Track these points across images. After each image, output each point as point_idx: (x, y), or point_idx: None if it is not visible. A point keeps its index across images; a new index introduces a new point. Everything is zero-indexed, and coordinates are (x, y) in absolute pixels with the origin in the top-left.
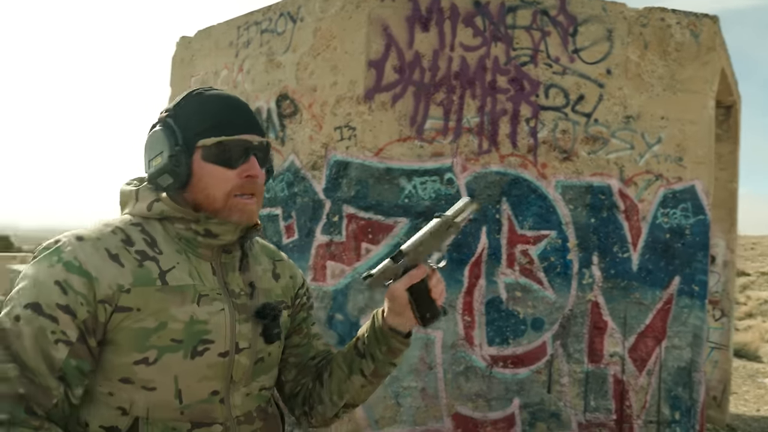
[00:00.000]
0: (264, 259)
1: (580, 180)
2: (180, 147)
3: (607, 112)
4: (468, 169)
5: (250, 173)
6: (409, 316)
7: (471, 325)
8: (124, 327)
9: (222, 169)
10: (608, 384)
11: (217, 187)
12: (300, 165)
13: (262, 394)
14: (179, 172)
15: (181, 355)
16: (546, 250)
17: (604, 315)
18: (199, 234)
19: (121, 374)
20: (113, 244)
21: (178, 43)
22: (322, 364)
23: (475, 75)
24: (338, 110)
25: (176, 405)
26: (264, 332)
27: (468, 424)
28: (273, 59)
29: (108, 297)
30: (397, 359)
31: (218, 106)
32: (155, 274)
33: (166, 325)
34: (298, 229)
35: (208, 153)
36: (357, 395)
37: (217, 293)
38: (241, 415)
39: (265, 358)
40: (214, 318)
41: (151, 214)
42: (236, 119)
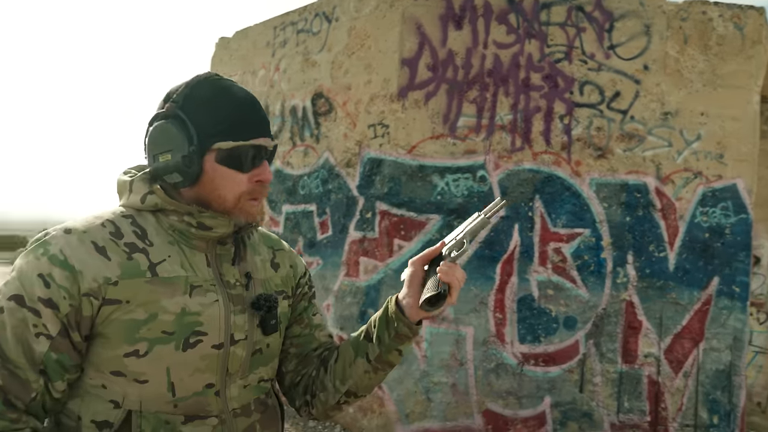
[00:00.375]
0: (263, 248)
1: (615, 178)
2: (195, 147)
3: (644, 109)
4: (501, 166)
5: (262, 178)
6: (415, 293)
7: (502, 322)
8: (114, 319)
9: (234, 173)
10: (642, 385)
11: (229, 190)
12: (334, 162)
13: (261, 386)
14: (191, 173)
15: (173, 347)
16: (579, 249)
17: (639, 315)
18: (192, 226)
19: (112, 367)
20: (101, 237)
21: (217, 44)
22: (325, 353)
23: (509, 72)
24: (372, 108)
25: (169, 398)
26: (261, 323)
27: (498, 421)
28: (308, 58)
29: (93, 290)
30: (403, 346)
31: (234, 105)
32: (144, 266)
33: (157, 316)
34: (332, 225)
35: (222, 156)
36: (360, 381)
37: (211, 284)
38: (237, 408)
39: (263, 350)
40: (208, 309)
41: (144, 206)
42: (252, 121)
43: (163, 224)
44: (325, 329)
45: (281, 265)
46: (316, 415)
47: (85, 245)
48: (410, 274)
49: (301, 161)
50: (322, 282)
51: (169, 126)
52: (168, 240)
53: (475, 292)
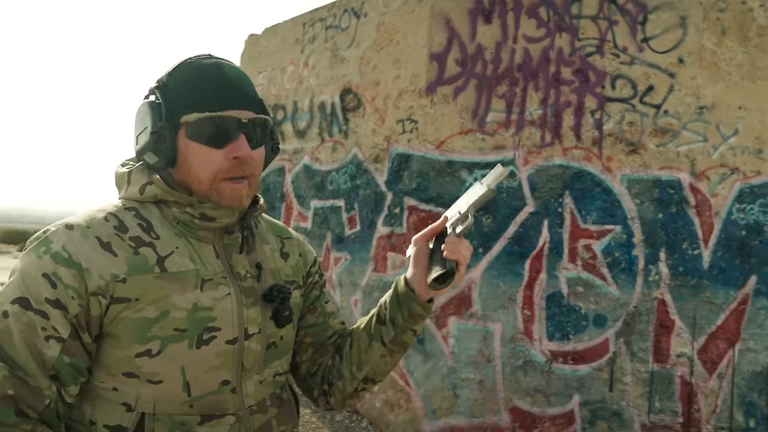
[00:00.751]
0: (271, 237)
1: (647, 174)
2: (163, 123)
3: (678, 103)
4: (530, 162)
5: (237, 154)
6: (423, 270)
7: (531, 319)
8: (123, 318)
9: (207, 149)
10: (675, 385)
11: (203, 169)
12: (362, 158)
13: (277, 380)
14: (163, 150)
15: (186, 344)
16: (610, 245)
17: (672, 313)
18: (195, 217)
19: (124, 368)
20: (105, 232)
21: (247, 41)
22: (339, 340)
23: (539, 67)
24: (400, 103)
25: (184, 398)
26: (274, 315)
27: (526, 419)
28: (337, 54)
29: (101, 289)
30: (417, 326)
31: (205, 78)
32: (152, 261)
33: (168, 314)
34: (360, 220)
35: (192, 130)
36: (376, 366)
37: (222, 277)
38: (254, 404)
39: (277, 343)
40: (220, 304)
41: (144, 197)
42: (224, 93)
43: (167, 216)
44: (338, 316)
45: (291, 254)
46: (333, 404)
47: (89, 241)
48: (415, 252)
49: (330, 157)
50: (350, 277)
51: (145, 105)
52: (174, 232)
53: (504, 289)
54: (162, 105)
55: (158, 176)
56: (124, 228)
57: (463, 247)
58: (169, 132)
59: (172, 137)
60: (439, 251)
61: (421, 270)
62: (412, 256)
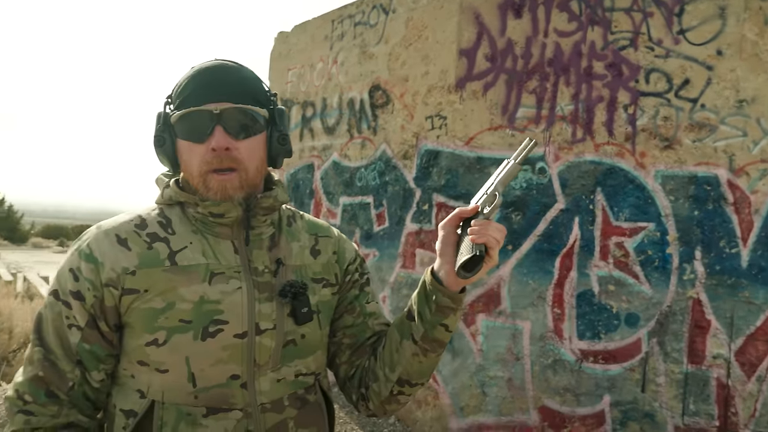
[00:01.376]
0: (304, 235)
1: (682, 170)
2: (162, 126)
3: (716, 97)
4: (561, 158)
5: (213, 146)
6: (450, 258)
7: (560, 317)
8: (135, 308)
9: (192, 145)
10: (710, 387)
11: (191, 164)
12: (391, 154)
13: (300, 381)
14: (165, 153)
15: (191, 336)
16: (643, 243)
17: (707, 313)
18: (207, 216)
19: (137, 356)
20: (124, 229)
21: (276, 38)
22: (376, 341)
23: (570, 61)
24: (429, 100)
25: (190, 389)
26: (292, 312)
27: (555, 418)
28: (366, 51)
29: (112, 280)
30: (448, 320)
31: (192, 79)
32: (164, 255)
33: (174, 305)
34: (388, 217)
35: (178, 129)
36: (409, 366)
37: (236, 271)
38: (267, 402)
39: (297, 341)
40: (229, 297)
41: (165, 200)
42: (203, 89)
43: (187, 215)
44: (381, 317)
45: (322, 252)
46: (373, 409)
47: (108, 238)
48: (442, 239)
49: (359, 153)
50: (379, 274)
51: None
52: (192, 230)
53: (533, 286)
54: (163, 111)
55: (174, 180)
56: (144, 225)
57: (493, 228)
58: (168, 135)
59: (171, 140)
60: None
61: (448, 258)
62: (440, 243)
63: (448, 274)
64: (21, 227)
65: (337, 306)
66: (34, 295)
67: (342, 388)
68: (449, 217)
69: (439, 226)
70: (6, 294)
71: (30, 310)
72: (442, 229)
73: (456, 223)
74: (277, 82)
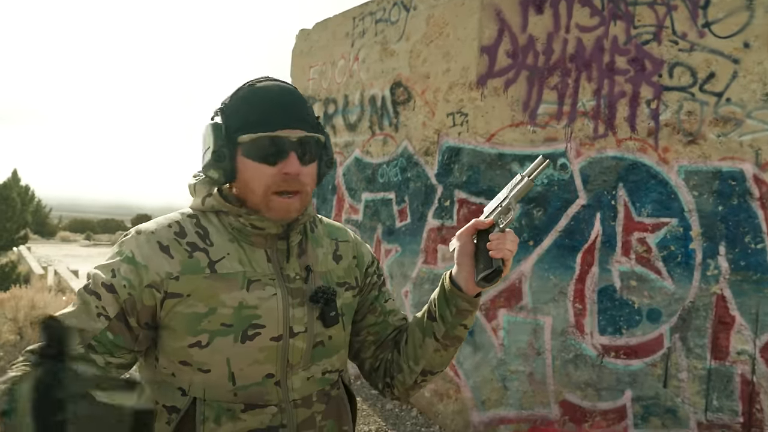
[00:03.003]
0: (326, 241)
1: (707, 165)
2: (222, 142)
3: (743, 90)
4: (582, 154)
5: (287, 170)
6: (468, 268)
7: (582, 312)
8: (177, 312)
9: (261, 166)
10: (734, 384)
11: (256, 184)
12: (413, 151)
13: (326, 378)
14: (223, 167)
15: (232, 339)
16: (666, 239)
17: (732, 309)
18: (246, 226)
19: (179, 357)
20: (165, 237)
21: (298, 36)
22: (398, 336)
23: (592, 56)
24: (450, 96)
25: (230, 387)
26: (321, 316)
27: (576, 413)
28: (387, 48)
29: (156, 283)
30: (467, 321)
31: (260, 100)
32: (204, 264)
33: (216, 310)
34: (410, 213)
35: (247, 149)
36: (432, 360)
37: (270, 279)
38: (298, 399)
39: (325, 342)
40: (266, 303)
41: (204, 208)
42: (276, 114)
43: (224, 223)
44: (399, 313)
45: (344, 257)
46: (398, 395)
47: (150, 244)
48: (459, 248)
49: (380, 150)
50: (401, 269)
51: (208, 126)
52: (228, 238)
53: (554, 282)
54: (222, 126)
55: (216, 190)
56: (183, 234)
57: (509, 242)
58: (228, 151)
59: (231, 155)
60: (485, 249)
61: (466, 267)
62: (457, 252)
63: (467, 282)
64: (50, 221)
65: (360, 307)
66: (65, 289)
67: (367, 378)
68: (465, 228)
69: (457, 235)
70: (40, 288)
71: (63, 303)
72: (458, 239)
73: (472, 233)
74: (299, 79)
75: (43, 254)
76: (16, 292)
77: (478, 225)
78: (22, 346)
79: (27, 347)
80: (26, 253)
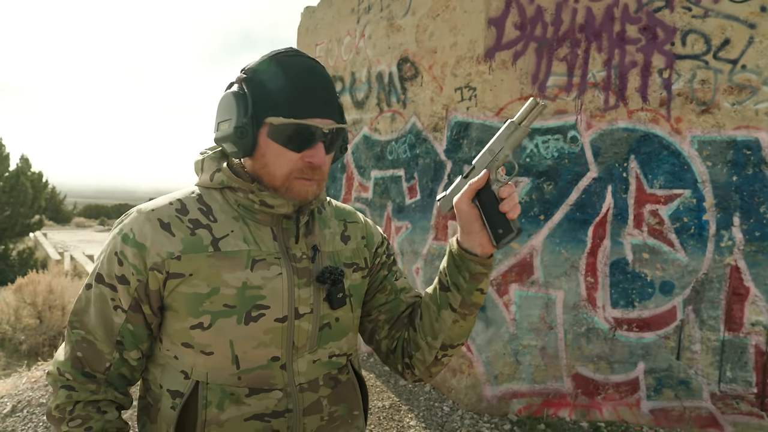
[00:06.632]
0: (333, 222)
1: (721, 134)
2: (247, 119)
3: (759, 57)
4: (593, 126)
5: (313, 160)
6: (480, 233)
7: (594, 286)
8: (180, 292)
9: (285, 150)
10: (748, 355)
11: (278, 167)
12: (421, 127)
13: (333, 361)
14: (244, 144)
15: (235, 320)
16: (678, 210)
17: (746, 281)
18: (254, 203)
19: (182, 339)
20: (166, 214)
21: (303, 14)
22: (411, 313)
23: (602, 26)
24: (458, 71)
25: (233, 370)
26: (328, 297)
27: (588, 386)
28: (393, 23)
29: (158, 264)
30: (482, 284)
31: (294, 80)
32: (207, 241)
33: (219, 290)
34: (420, 189)
35: (274, 131)
36: (451, 332)
37: (276, 257)
38: (305, 383)
39: (332, 324)
40: (270, 283)
41: (212, 184)
42: (310, 99)
43: (229, 200)
44: (411, 290)
45: (352, 237)
46: (419, 375)
47: (151, 222)
48: (465, 215)
49: (389, 127)
50: (411, 246)
51: (231, 96)
52: (233, 216)
53: (566, 256)
54: (248, 100)
55: (226, 164)
56: (185, 211)
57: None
58: (251, 128)
59: (254, 133)
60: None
61: (477, 232)
62: (462, 220)
63: (481, 245)
64: (64, 208)
65: (369, 287)
66: (81, 273)
67: (385, 361)
68: (464, 193)
69: (456, 204)
70: (57, 273)
71: (79, 287)
72: (460, 207)
73: (471, 196)
74: None
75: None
76: (34, 277)
77: (477, 185)
78: (42, 330)
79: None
80: (42, 240)
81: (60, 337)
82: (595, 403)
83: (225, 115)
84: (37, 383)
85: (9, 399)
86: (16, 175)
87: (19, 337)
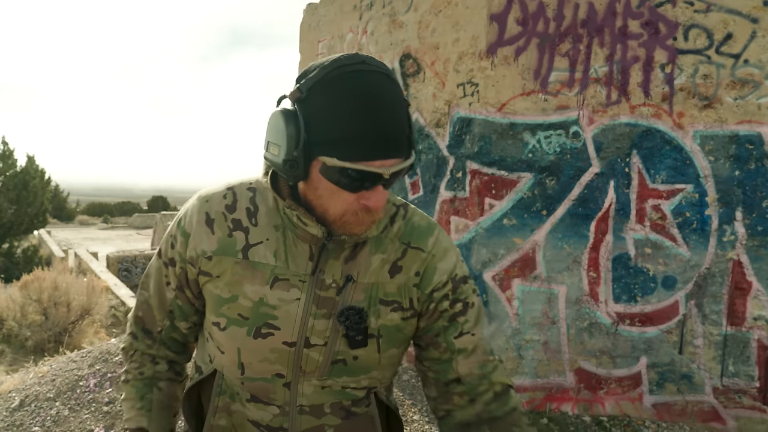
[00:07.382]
0: (392, 245)
1: (723, 129)
2: (299, 153)
3: (762, 51)
4: (595, 121)
5: (369, 204)
6: None
7: (596, 281)
8: (208, 289)
9: (339, 191)
10: (750, 349)
11: (331, 204)
12: (424, 123)
13: (347, 392)
14: (294, 175)
15: (245, 331)
16: (681, 205)
17: (748, 275)
18: (293, 217)
19: (208, 329)
20: (215, 209)
21: (305, 10)
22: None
23: (604, 21)
24: (460, 67)
25: (238, 375)
26: (347, 335)
27: (591, 380)
28: (395, 19)
29: (193, 258)
30: None
31: (355, 111)
32: (239, 246)
33: (237, 298)
34: (422, 185)
35: (327, 171)
36: None
37: (301, 280)
38: (306, 405)
39: (348, 361)
40: (286, 306)
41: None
42: (372, 137)
43: (279, 206)
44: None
45: (403, 270)
46: None
47: (200, 214)
48: None
49: None
50: None
51: (281, 119)
52: (275, 224)
53: (568, 251)
54: (301, 129)
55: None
56: (233, 208)
57: None
58: (303, 161)
59: (305, 166)
60: None
61: None
62: None
63: None
64: (68, 206)
65: (423, 334)
66: (85, 270)
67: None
68: None
69: None
70: (62, 270)
71: (84, 284)
72: None
73: None
74: (308, 54)
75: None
76: (39, 274)
77: None
78: (47, 326)
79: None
80: (47, 237)
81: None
82: (597, 397)
83: (274, 138)
84: (44, 378)
85: (17, 393)
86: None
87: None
